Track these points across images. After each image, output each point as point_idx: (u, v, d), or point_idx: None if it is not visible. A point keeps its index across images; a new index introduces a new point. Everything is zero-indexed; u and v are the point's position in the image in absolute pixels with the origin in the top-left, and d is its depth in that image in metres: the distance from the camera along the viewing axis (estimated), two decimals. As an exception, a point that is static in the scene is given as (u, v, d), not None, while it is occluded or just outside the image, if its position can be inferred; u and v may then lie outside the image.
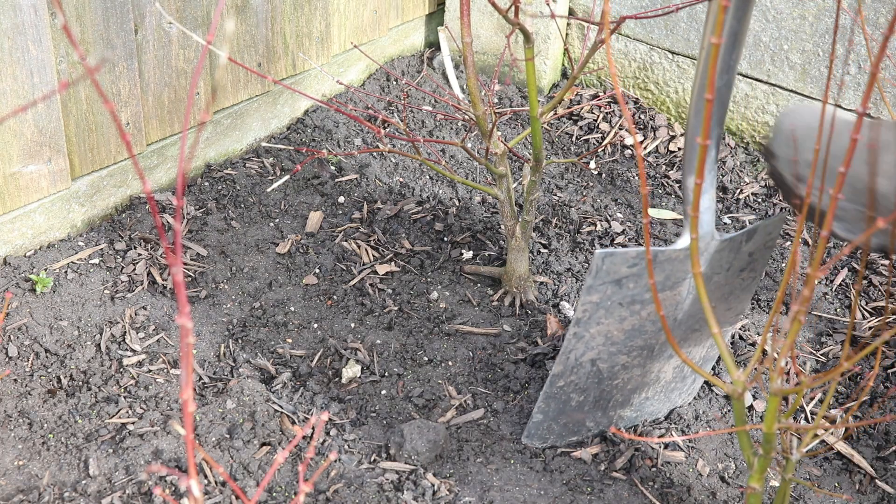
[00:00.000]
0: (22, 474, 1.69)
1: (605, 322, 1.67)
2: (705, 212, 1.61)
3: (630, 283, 1.64)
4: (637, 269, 1.63)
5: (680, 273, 1.65)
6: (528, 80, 1.86)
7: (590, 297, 1.64)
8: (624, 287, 1.64)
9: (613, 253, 1.60)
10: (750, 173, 2.51)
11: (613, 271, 1.62)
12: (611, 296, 1.64)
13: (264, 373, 1.90)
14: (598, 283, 1.63)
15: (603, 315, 1.67)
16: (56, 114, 2.02)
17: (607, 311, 1.67)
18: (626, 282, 1.64)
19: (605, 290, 1.63)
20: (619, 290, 1.64)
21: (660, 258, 1.63)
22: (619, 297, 1.65)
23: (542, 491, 1.72)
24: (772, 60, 2.46)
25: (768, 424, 1.27)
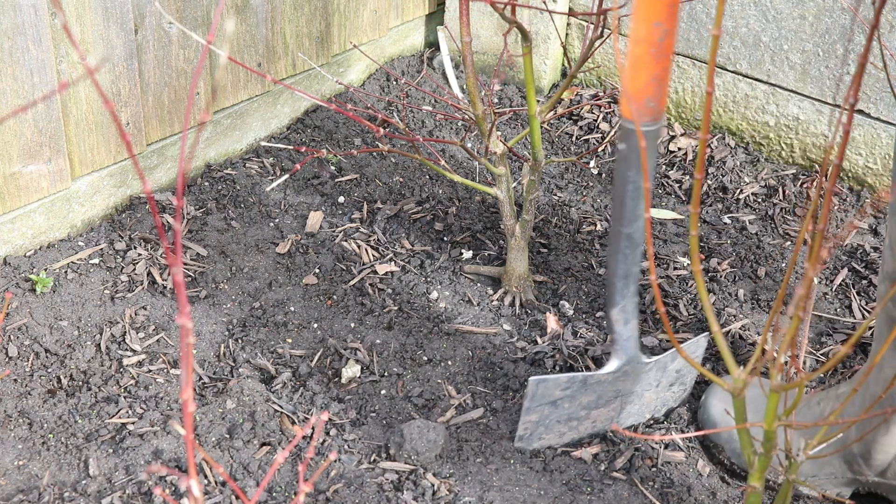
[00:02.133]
0: (22, 474, 1.69)
1: (546, 437, 1.80)
2: (628, 339, 1.72)
3: (565, 404, 1.76)
4: (569, 391, 1.75)
5: (611, 392, 1.78)
6: (526, 79, 1.86)
7: (529, 418, 1.76)
8: (560, 407, 1.76)
9: (546, 380, 1.71)
10: (750, 173, 2.51)
11: (548, 395, 1.74)
12: (548, 415, 1.77)
13: (264, 373, 1.90)
14: (534, 405, 1.74)
15: (543, 431, 1.79)
16: (56, 114, 2.02)
17: (547, 428, 1.79)
18: (561, 402, 1.75)
19: (541, 410, 1.76)
20: (555, 410, 1.77)
21: (590, 382, 1.74)
22: (556, 415, 1.77)
23: (542, 491, 1.72)
24: (772, 60, 2.46)
25: (768, 422, 1.27)
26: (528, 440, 1.79)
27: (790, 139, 2.51)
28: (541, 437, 1.79)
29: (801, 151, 2.51)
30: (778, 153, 2.55)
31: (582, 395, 1.76)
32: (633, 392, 1.79)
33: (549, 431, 1.79)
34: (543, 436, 1.79)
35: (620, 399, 1.79)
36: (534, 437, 1.79)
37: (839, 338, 2.07)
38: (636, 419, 1.85)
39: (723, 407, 1.80)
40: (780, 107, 2.50)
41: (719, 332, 1.21)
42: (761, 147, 2.57)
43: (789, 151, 2.53)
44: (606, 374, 1.74)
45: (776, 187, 2.47)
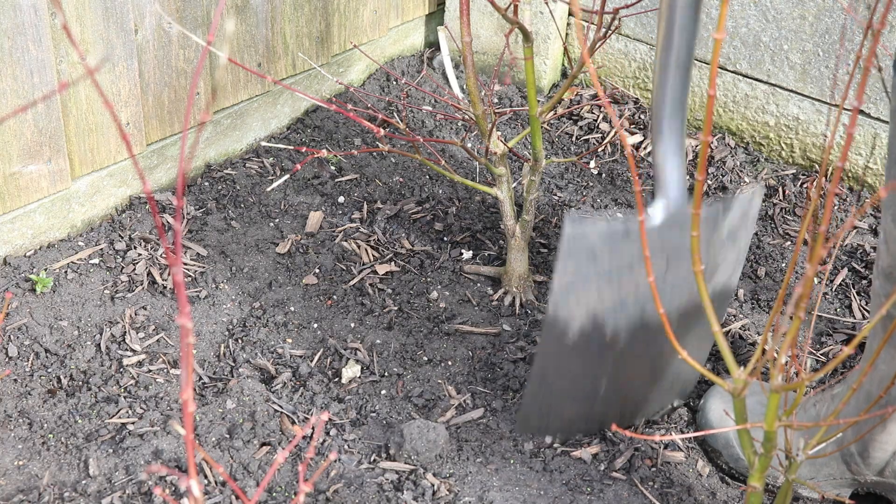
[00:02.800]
0: (22, 474, 1.69)
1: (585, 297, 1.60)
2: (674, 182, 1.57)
3: (605, 256, 1.58)
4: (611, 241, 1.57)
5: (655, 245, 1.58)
6: (527, 80, 1.86)
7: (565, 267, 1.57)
8: (599, 260, 1.58)
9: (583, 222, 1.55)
10: (750, 173, 2.51)
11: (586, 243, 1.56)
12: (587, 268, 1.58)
13: (264, 373, 1.90)
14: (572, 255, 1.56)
15: (581, 288, 1.59)
16: (56, 114, 2.02)
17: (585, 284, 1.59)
18: (600, 254, 1.57)
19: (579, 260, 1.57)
20: (594, 263, 1.57)
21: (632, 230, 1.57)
22: (595, 269, 1.58)
23: (541, 491, 1.72)
24: (772, 60, 2.46)
25: (769, 422, 1.27)
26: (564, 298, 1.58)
27: (790, 139, 2.51)
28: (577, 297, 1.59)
29: (801, 151, 2.51)
30: (778, 153, 2.55)
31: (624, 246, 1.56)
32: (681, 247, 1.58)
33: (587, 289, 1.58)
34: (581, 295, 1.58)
35: (666, 255, 1.59)
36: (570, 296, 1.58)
37: (839, 338, 2.07)
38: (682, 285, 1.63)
39: (722, 409, 1.79)
40: (780, 107, 2.50)
41: (720, 332, 1.21)
42: (761, 147, 2.57)
43: (789, 151, 2.53)
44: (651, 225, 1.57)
45: (776, 187, 2.47)
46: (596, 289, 1.60)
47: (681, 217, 1.58)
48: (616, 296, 1.62)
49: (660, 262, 1.59)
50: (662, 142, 1.55)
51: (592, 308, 1.62)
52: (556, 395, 1.74)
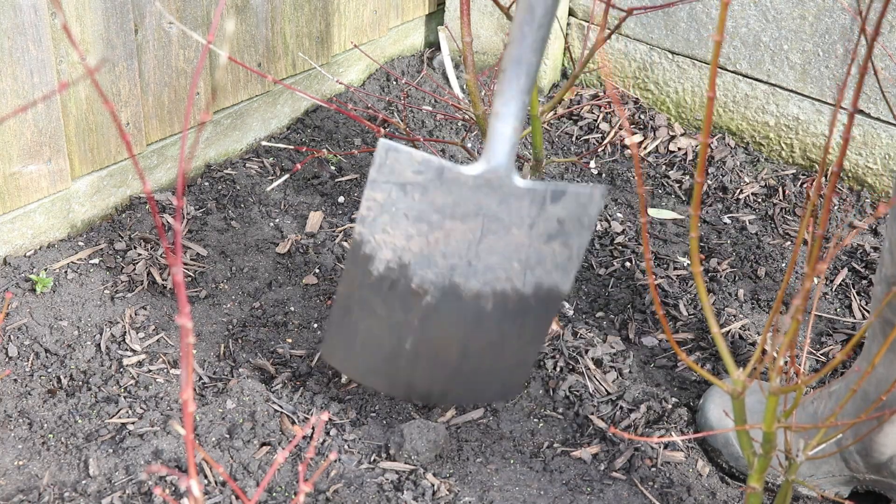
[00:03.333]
0: (22, 474, 1.69)
1: (391, 232, 1.52)
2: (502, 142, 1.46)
3: (416, 193, 1.49)
4: (423, 177, 1.48)
5: (471, 204, 1.49)
6: (527, 80, 1.86)
7: (373, 194, 1.49)
8: (409, 195, 1.49)
9: (398, 149, 1.46)
10: (750, 173, 2.51)
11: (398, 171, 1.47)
12: (395, 201, 1.49)
13: (264, 373, 1.90)
14: (381, 180, 1.48)
15: (388, 221, 1.51)
16: (56, 114, 2.02)
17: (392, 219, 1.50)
18: (411, 189, 1.48)
19: (389, 190, 1.48)
20: (404, 197, 1.49)
21: (447, 174, 1.48)
22: (405, 206, 1.49)
23: (541, 491, 1.72)
24: (772, 60, 2.46)
25: (768, 424, 1.27)
26: (371, 226, 1.51)
27: (790, 139, 2.51)
28: (384, 230, 1.51)
29: (801, 151, 2.51)
30: (778, 153, 2.55)
31: (437, 190, 1.48)
32: (499, 219, 1.50)
33: (395, 226, 1.50)
34: (388, 228, 1.51)
35: (483, 220, 1.50)
36: (376, 226, 1.51)
37: (839, 338, 2.07)
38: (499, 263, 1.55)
39: (721, 410, 1.79)
40: (780, 107, 2.50)
41: (719, 333, 1.21)
42: (761, 147, 2.57)
43: (789, 151, 2.53)
44: (466, 175, 1.47)
45: (776, 187, 2.47)
46: (404, 227, 1.51)
47: (504, 184, 1.48)
48: (423, 244, 1.53)
49: (474, 224, 1.51)
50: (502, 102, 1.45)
51: (399, 248, 1.54)
52: (361, 334, 1.62)
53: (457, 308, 1.58)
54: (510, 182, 1.48)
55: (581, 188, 1.51)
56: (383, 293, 1.57)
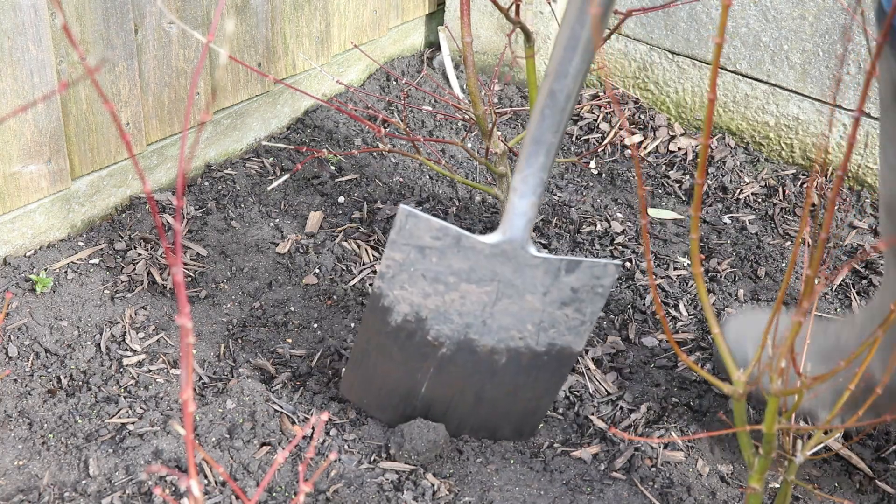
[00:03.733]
0: (22, 474, 1.69)
1: (409, 290, 1.60)
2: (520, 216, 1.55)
3: (433, 257, 1.57)
4: (440, 243, 1.56)
5: (486, 270, 1.58)
6: (528, 80, 1.86)
7: (393, 254, 1.57)
8: (427, 258, 1.57)
9: (417, 216, 1.54)
10: (750, 173, 2.51)
11: (417, 236, 1.55)
12: (414, 262, 1.57)
13: (264, 373, 1.90)
14: (401, 242, 1.56)
15: (406, 280, 1.59)
16: (56, 114, 2.02)
17: (410, 278, 1.58)
18: (429, 253, 1.56)
19: (408, 252, 1.57)
20: (422, 259, 1.57)
21: (464, 242, 1.56)
22: (423, 267, 1.58)
23: (542, 491, 1.72)
24: (772, 60, 2.46)
25: (768, 425, 1.27)
26: (390, 282, 1.60)
27: (790, 139, 2.51)
28: (402, 286, 1.60)
29: (801, 151, 2.51)
30: (778, 153, 2.55)
31: (453, 256, 1.57)
32: (514, 285, 1.59)
33: (413, 284, 1.59)
34: (406, 286, 1.60)
35: (497, 286, 1.59)
36: (395, 283, 1.60)
37: (839, 338, 2.07)
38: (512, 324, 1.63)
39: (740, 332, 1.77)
40: (780, 107, 2.50)
41: (719, 333, 1.21)
42: (761, 147, 2.57)
43: (789, 151, 2.53)
44: (482, 243, 1.56)
45: (776, 187, 2.47)
46: (421, 286, 1.60)
47: (518, 255, 1.57)
48: (440, 302, 1.62)
49: (489, 288, 1.59)
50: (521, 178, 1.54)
51: (417, 304, 1.62)
52: (378, 376, 1.71)
53: (471, 360, 1.67)
54: (525, 253, 1.56)
55: (595, 262, 1.58)
56: (401, 341, 1.66)
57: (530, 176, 1.52)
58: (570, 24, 1.44)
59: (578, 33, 1.43)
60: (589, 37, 1.43)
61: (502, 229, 1.56)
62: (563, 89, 1.46)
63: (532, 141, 1.50)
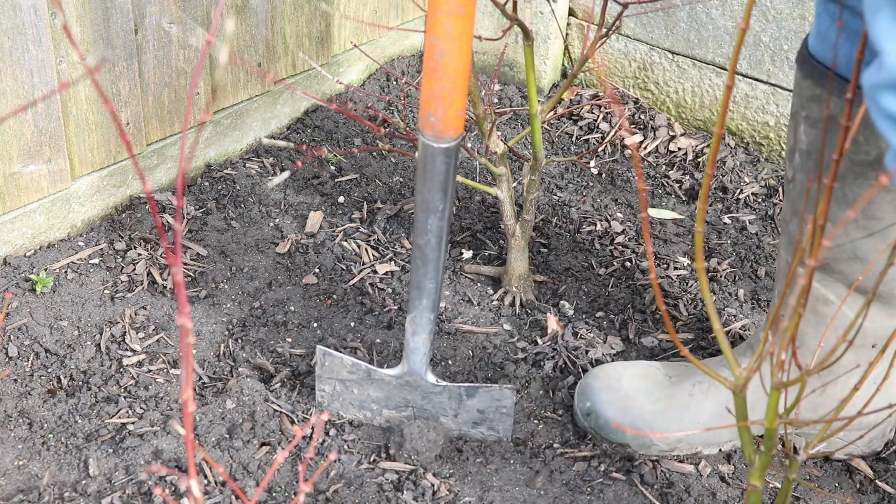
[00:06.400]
0: (22, 474, 1.69)
1: (344, 412, 1.81)
2: (413, 352, 1.71)
3: (354, 388, 1.77)
4: (356, 377, 1.75)
5: (399, 398, 1.77)
6: (527, 78, 1.86)
7: (322, 386, 1.79)
8: (349, 389, 1.77)
9: (332, 354, 1.74)
10: (750, 173, 2.51)
11: (336, 371, 1.76)
12: (341, 393, 1.78)
13: (264, 372, 1.90)
14: (325, 376, 1.77)
15: (339, 406, 1.81)
16: (56, 114, 2.02)
17: (342, 405, 1.80)
18: (350, 384, 1.76)
19: (333, 384, 1.78)
20: (346, 391, 1.78)
21: (374, 376, 1.75)
22: (349, 397, 1.79)
23: (541, 491, 1.72)
24: (772, 60, 2.47)
25: (769, 420, 1.27)
26: (328, 406, 1.81)
27: (790, 139, 2.52)
28: (338, 410, 1.81)
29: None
30: (778, 153, 2.55)
31: (369, 387, 1.77)
32: (426, 410, 1.78)
33: (345, 409, 1.80)
34: (340, 411, 1.81)
35: (413, 411, 1.78)
36: (332, 406, 1.81)
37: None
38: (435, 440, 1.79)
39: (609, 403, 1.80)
40: (781, 107, 2.50)
41: (720, 330, 1.21)
42: (761, 147, 2.57)
43: (789, 151, 2.53)
44: (389, 376, 1.75)
45: (776, 187, 2.47)
46: (353, 413, 1.81)
47: (421, 385, 1.75)
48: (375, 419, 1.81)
49: (406, 413, 1.79)
50: (410, 319, 1.68)
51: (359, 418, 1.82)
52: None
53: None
54: (426, 383, 1.74)
55: (492, 387, 1.74)
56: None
57: (417, 316, 1.67)
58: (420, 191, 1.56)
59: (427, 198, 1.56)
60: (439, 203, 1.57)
61: (402, 364, 1.74)
62: (426, 243, 1.60)
63: (414, 287, 1.66)
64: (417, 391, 1.76)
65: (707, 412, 1.75)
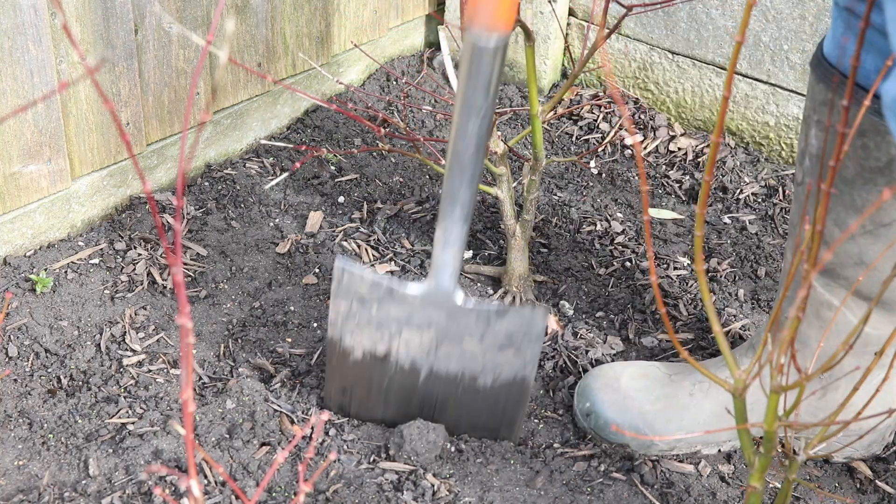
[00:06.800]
0: (22, 474, 1.69)
1: (358, 337, 1.71)
2: (443, 267, 1.64)
3: (374, 307, 1.67)
4: (377, 294, 1.66)
5: (422, 318, 1.68)
6: (528, 79, 1.86)
7: (337, 304, 1.68)
8: (367, 308, 1.67)
9: (352, 272, 1.65)
10: (750, 173, 2.51)
11: (354, 289, 1.66)
12: (357, 312, 1.68)
13: (264, 372, 1.90)
14: (341, 293, 1.67)
15: (354, 328, 1.70)
16: (56, 114, 2.02)
17: (358, 327, 1.70)
18: (369, 303, 1.67)
19: (350, 302, 1.67)
20: (363, 309, 1.68)
21: (396, 294, 1.66)
22: (366, 316, 1.68)
23: (541, 491, 1.72)
24: (772, 60, 2.46)
25: (769, 422, 1.27)
26: (341, 330, 1.71)
27: (790, 139, 2.51)
28: (352, 333, 1.71)
29: (801, 151, 2.51)
30: (778, 153, 2.55)
31: (390, 305, 1.67)
32: (451, 332, 1.68)
33: (361, 331, 1.70)
34: (354, 333, 1.71)
35: (436, 332, 1.68)
36: (345, 331, 1.71)
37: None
38: (457, 368, 1.73)
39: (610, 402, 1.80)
40: (781, 107, 2.50)
41: (720, 331, 1.21)
42: (761, 147, 2.57)
43: (789, 151, 2.53)
44: (413, 295, 1.66)
45: (776, 187, 2.47)
46: (368, 334, 1.70)
47: (448, 305, 1.66)
48: (387, 348, 1.72)
49: (428, 335, 1.69)
50: (441, 230, 1.62)
51: (368, 349, 1.73)
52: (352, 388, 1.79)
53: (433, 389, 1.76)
54: (454, 303, 1.65)
55: (524, 309, 1.66)
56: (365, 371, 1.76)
57: (449, 228, 1.61)
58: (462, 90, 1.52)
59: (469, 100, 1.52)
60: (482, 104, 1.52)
61: (430, 281, 1.65)
62: (465, 149, 1.56)
63: (447, 196, 1.60)
64: (443, 311, 1.67)
65: (707, 412, 1.75)
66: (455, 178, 1.58)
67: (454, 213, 1.60)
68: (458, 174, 1.57)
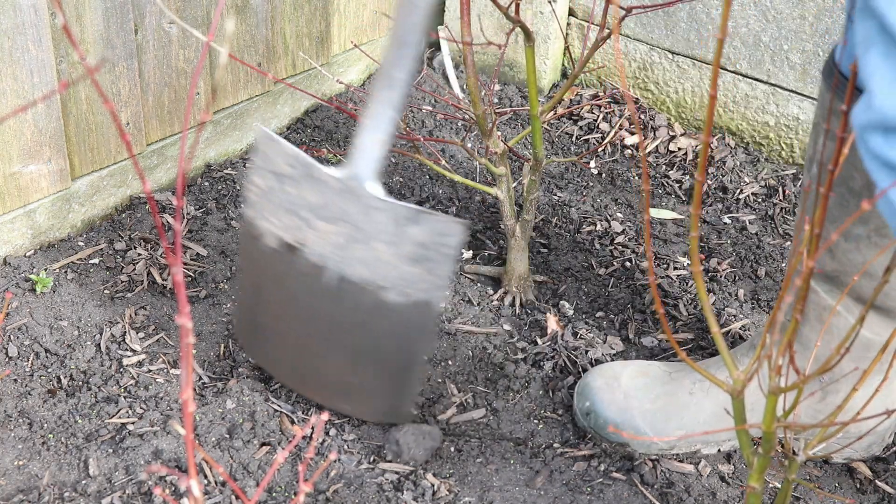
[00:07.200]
0: (22, 474, 1.69)
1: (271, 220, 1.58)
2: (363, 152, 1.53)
3: (290, 187, 1.55)
4: (295, 171, 1.54)
5: (336, 208, 1.54)
6: (528, 79, 1.86)
7: (255, 179, 1.57)
8: (284, 186, 1.55)
9: (273, 139, 1.53)
10: (750, 173, 2.51)
11: (273, 161, 1.54)
12: (273, 190, 1.56)
13: (264, 372, 1.90)
14: (259, 165, 1.55)
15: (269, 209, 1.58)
16: (56, 114, 2.02)
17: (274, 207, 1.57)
18: (286, 181, 1.54)
19: (267, 177, 1.56)
20: (280, 188, 1.55)
21: (314, 173, 1.54)
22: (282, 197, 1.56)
23: (541, 491, 1.72)
24: (772, 60, 2.46)
25: (767, 423, 1.27)
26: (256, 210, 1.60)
27: (790, 139, 2.52)
28: (266, 217, 1.59)
29: (801, 151, 2.51)
30: (778, 153, 2.55)
31: (308, 187, 1.55)
32: (363, 230, 1.56)
33: (274, 214, 1.58)
34: (268, 216, 1.59)
35: (349, 227, 1.56)
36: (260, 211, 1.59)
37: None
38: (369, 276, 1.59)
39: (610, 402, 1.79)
40: (780, 107, 2.50)
41: (718, 332, 1.21)
42: (761, 147, 2.57)
43: (789, 151, 2.53)
44: (331, 177, 1.54)
45: (776, 187, 2.47)
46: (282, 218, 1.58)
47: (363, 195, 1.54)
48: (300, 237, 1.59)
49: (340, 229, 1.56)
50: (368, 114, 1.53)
51: (278, 234, 1.60)
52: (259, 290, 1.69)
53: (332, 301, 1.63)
54: (369, 193, 1.54)
55: (440, 217, 1.54)
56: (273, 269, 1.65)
57: (379, 112, 1.52)
58: None
59: None
60: None
61: (348, 165, 1.54)
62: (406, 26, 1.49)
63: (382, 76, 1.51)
64: (359, 203, 1.55)
65: (707, 410, 1.76)
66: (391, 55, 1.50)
67: (385, 95, 1.51)
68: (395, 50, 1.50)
